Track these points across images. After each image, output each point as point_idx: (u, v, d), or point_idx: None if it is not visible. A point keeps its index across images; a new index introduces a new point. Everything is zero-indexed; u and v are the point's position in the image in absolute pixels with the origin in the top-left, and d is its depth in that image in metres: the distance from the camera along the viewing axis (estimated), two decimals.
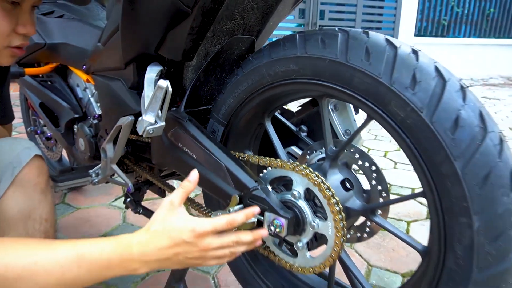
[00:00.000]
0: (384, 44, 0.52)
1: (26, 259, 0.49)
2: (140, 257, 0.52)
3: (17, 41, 0.65)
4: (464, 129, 0.46)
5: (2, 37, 0.62)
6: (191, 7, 0.64)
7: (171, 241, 0.52)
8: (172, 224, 0.53)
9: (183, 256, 0.53)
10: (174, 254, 0.53)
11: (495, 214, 0.45)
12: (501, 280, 0.47)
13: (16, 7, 0.63)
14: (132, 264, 0.52)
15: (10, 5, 0.61)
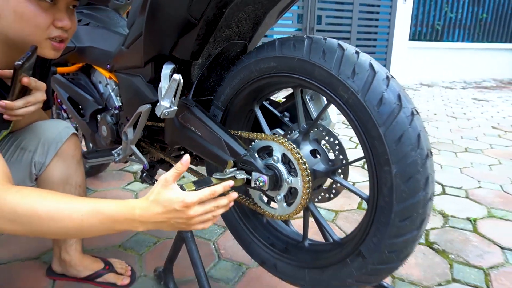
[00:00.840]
0: (336, 47, 0.73)
1: (58, 206, 0.63)
2: (140, 219, 0.65)
3: (55, 32, 0.79)
4: (385, 105, 0.66)
5: (42, 29, 0.77)
6: (198, 19, 0.85)
7: (164, 209, 0.65)
8: (166, 196, 0.65)
9: (174, 221, 0.66)
10: (166, 219, 0.65)
11: (406, 163, 0.66)
12: (412, 210, 0.67)
13: (53, 5, 0.78)
14: (133, 223, 0.65)
15: (47, 3, 0.77)
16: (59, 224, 0.63)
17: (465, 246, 1.35)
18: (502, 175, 2.08)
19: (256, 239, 1.00)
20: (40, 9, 0.74)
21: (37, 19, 0.74)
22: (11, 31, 0.74)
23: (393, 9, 5.96)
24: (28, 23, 0.74)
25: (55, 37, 0.80)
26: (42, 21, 0.75)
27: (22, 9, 0.72)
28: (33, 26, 0.74)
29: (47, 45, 0.80)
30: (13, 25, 0.73)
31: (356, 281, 0.77)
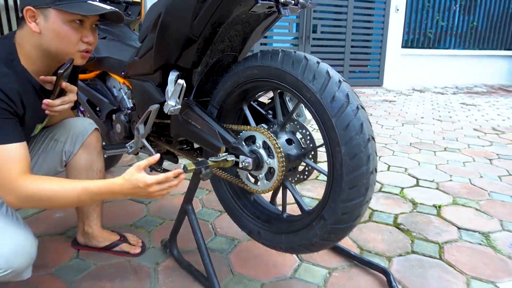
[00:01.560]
0: (302, 58, 0.96)
1: (61, 188, 0.90)
2: (117, 191, 0.90)
3: (82, 46, 1.01)
4: (336, 102, 0.89)
5: (73, 44, 0.99)
6: (198, 36, 1.08)
7: (132, 186, 0.89)
8: (135, 177, 0.89)
9: (140, 193, 0.91)
10: (135, 192, 0.90)
11: (352, 145, 0.88)
12: (358, 180, 0.89)
13: (81, 25, 0.99)
14: (114, 195, 0.91)
15: (77, 24, 0.98)
16: (63, 200, 0.91)
17: (427, 226, 1.57)
18: (473, 170, 2.30)
19: (245, 213, 1.22)
20: (72, 29, 0.96)
21: (70, 37, 0.96)
22: (50, 46, 0.97)
23: (386, 18, 6.22)
24: (63, 40, 0.96)
25: (83, 50, 1.03)
26: (73, 38, 0.98)
27: (58, 29, 0.94)
28: (67, 42, 0.97)
29: (77, 55, 1.02)
30: (52, 41, 0.95)
31: (320, 239, 0.99)
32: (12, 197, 0.87)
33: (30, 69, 0.97)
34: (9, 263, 0.88)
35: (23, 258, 0.91)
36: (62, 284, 1.14)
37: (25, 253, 0.92)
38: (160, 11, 1.10)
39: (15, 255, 0.89)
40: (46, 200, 0.89)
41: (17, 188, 0.86)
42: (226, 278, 1.19)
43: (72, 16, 0.94)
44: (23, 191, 0.86)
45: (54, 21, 0.93)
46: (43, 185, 0.89)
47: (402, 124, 3.64)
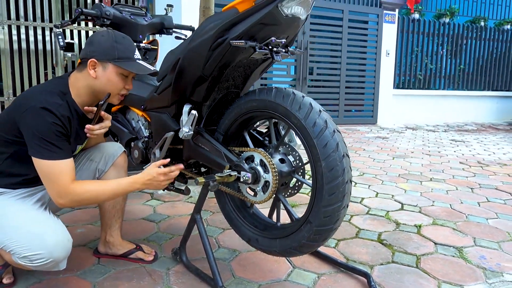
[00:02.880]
0: (291, 93, 1.22)
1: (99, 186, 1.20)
2: (140, 180, 1.22)
3: (123, 91, 1.31)
4: (317, 126, 1.14)
5: (119, 90, 1.29)
6: (208, 76, 1.35)
7: (149, 175, 1.22)
8: (149, 170, 1.23)
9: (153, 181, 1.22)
10: (150, 180, 1.21)
11: (329, 160, 1.12)
12: (335, 188, 1.12)
13: (126, 77, 1.31)
14: (137, 183, 1.22)
15: (124, 76, 1.31)
16: (103, 196, 1.21)
17: (407, 242, 1.76)
18: (455, 197, 2.51)
19: (245, 223, 1.43)
20: (121, 79, 1.26)
21: (118, 84, 1.26)
22: (100, 88, 1.25)
23: (378, 61, 6.67)
24: (113, 86, 1.25)
25: (123, 94, 1.31)
26: (120, 86, 1.28)
27: (112, 78, 1.24)
28: (115, 87, 1.26)
29: (116, 97, 1.31)
30: (104, 85, 1.24)
31: (308, 240, 1.20)
32: (65, 200, 1.13)
33: (77, 101, 1.24)
34: (51, 253, 1.09)
35: (62, 250, 1.12)
36: (88, 283, 1.33)
37: (64, 247, 1.13)
38: (179, 56, 1.38)
39: (56, 247, 1.10)
40: (91, 197, 1.16)
41: (70, 192, 1.12)
42: (228, 280, 1.38)
43: (125, 71, 1.24)
44: (75, 193, 1.12)
45: (110, 72, 1.24)
46: (88, 187, 1.16)
47: (392, 157, 3.88)
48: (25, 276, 1.35)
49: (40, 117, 1.09)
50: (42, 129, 1.09)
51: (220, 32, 1.24)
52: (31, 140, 1.10)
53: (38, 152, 1.10)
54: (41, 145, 1.09)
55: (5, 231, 1.11)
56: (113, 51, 1.24)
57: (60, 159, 1.12)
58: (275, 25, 1.20)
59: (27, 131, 1.11)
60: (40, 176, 1.14)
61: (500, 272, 1.50)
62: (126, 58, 1.26)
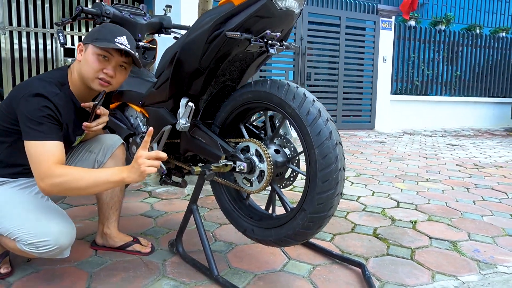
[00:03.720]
0: (285, 84, 1.25)
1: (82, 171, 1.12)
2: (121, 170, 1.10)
3: (101, 75, 1.26)
4: (310, 115, 1.16)
5: (95, 70, 1.24)
6: (205, 70, 1.38)
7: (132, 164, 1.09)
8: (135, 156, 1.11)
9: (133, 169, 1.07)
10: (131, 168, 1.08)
11: (323, 147, 1.14)
12: (329, 175, 1.14)
13: (106, 61, 1.26)
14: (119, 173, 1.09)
15: (103, 58, 1.25)
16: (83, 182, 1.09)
17: (402, 236, 1.78)
18: (451, 196, 2.53)
19: (241, 215, 1.44)
20: (97, 61, 1.23)
21: (93, 65, 1.23)
22: (81, 70, 1.25)
23: (375, 67, 6.74)
24: (88, 66, 1.23)
25: (101, 78, 1.28)
26: (96, 67, 1.24)
27: (88, 58, 1.23)
28: (90, 68, 1.23)
29: (95, 82, 1.27)
30: (82, 66, 1.24)
31: (302, 228, 1.21)
32: (45, 183, 1.07)
33: (74, 93, 1.26)
34: (57, 240, 1.10)
35: (67, 238, 1.13)
36: (84, 273, 1.34)
37: (68, 234, 1.14)
38: (176, 50, 1.41)
39: (61, 235, 1.12)
40: (71, 181, 1.08)
41: (50, 174, 1.06)
42: (224, 270, 1.39)
43: (100, 51, 1.23)
44: (54, 175, 1.07)
45: (88, 52, 1.24)
46: (68, 170, 1.11)
47: (389, 160, 3.90)
48: (22, 267, 1.36)
49: (34, 102, 1.11)
50: (33, 112, 1.10)
51: (217, 25, 1.27)
52: (24, 124, 1.11)
53: (27, 134, 1.10)
54: (30, 127, 1.09)
55: (11, 219, 1.13)
56: (96, 33, 1.25)
57: (47, 140, 1.10)
58: (270, 18, 1.24)
59: (20, 117, 1.12)
60: (28, 159, 1.12)
61: (493, 264, 1.52)
62: (104, 39, 1.24)
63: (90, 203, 2.13)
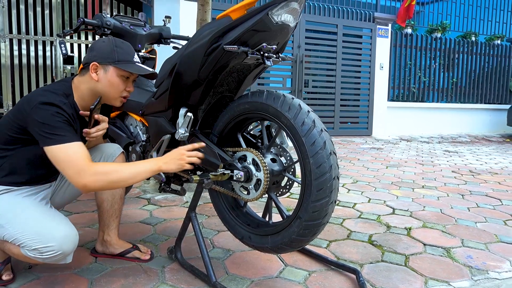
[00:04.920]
0: (281, 95, 1.29)
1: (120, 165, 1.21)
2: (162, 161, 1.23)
3: (125, 93, 1.37)
4: (305, 125, 1.20)
5: (120, 91, 1.35)
6: (203, 81, 1.42)
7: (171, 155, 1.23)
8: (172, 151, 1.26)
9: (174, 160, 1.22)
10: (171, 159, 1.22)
11: (317, 157, 1.18)
12: (323, 184, 1.17)
13: (127, 79, 1.36)
14: (158, 163, 1.22)
15: (125, 78, 1.36)
16: (125, 175, 1.18)
17: (397, 243, 1.81)
18: (446, 203, 2.57)
19: (238, 222, 1.48)
20: (121, 81, 1.33)
21: (119, 86, 1.32)
22: (103, 90, 1.32)
23: (372, 74, 6.81)
24: (114, 88, 1.31)
25: (124, 96, 1.37)
26: (121, 87, 1.34)
27: (113, 80, 1.30)
28: (116, 89, 1.32)
29: (118, 100, 1.37)
30: (105, 87, 1.31)
31: (297, 235, 1.25)
32: (86, 179, 1.12)
33: (79, 104, 1.31)
34: (61, 246, 1.14)
35: (71, 243, 1.17)
36: (85, 280, 1.37)
37: (72, 240, 1.18)
38: (176, 62, 1.45)
39: (65, 240, 1.15)
40: (113, 172, 1.16)
41: (90, 169, 1.13)
42: (222, 277, 1.42)
43: (125, 72, 1.31)
44: (95, 170, 1.14)
45: (111, 74, 1.30)
46: (107, 165, 1.22)
47: (386, 167, 3.94)
48: (23, 273, 1.39)
49: (45, 110, 1.15)
50: (48, 119, 1.15)
51: (215, 38, 1.32)
52: (40, 132, 1.15)
53: (49, 140, 1.14)
54: (50, 133, 1.14)
55: (16, 225, 1.16)
56: (113, 54, 1.32)
57: (72, 141, 1.16)
58: (266, 32, 1.28)
59: (35, 126, 1.16)
60: (56, 163, 1.16)
61: (485, 270, 1.55)
62: (125, 60, 1.34)
63: (90, 210, 2.16)
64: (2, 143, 1.23)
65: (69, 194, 1.45)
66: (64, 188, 1.44)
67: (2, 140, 1.23)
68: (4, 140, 1.22)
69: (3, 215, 1.17)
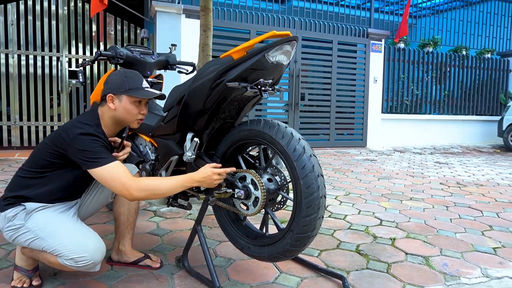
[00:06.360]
0: (276, 124, 1.50)
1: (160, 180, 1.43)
2: (195, 177, 1.41)
3: (140, 116, 1.57)
4: (296, 151, 1.41)
5: (135, 116, 1.54)
6: (208, 110, 1.63)
7: (204, 174, 1.41)
8: (206, 169, 1.42)
9: (207, 180, 1.41)
10: (204, 177, 1.40)
11: (307, 179, 1.38)
12: (312, 202, 1.37)
13: (140, 104, 1.56)
14: (193, 179, 1.41)
15: (138, 103, 1.56)
16: (164, 188, 1.40)
17: (382, 252, 2.01)
18: (430, 215, 2.77)
19: (239, 234, 1.67)
20: (135, 106, 1.52)
21: (133, 111, 1.52)
22: (121, 117, 1.52)
23: (366, 87, 7.05)
24: (130, 113, 1.51)
25: (140, 118, 1.58)
26: (136, 112, 1.53)
27: (128, 107, 1.50)
28: (131, 114, 1.52)
29: (135, 122, 1.57)
30: (122, 114, 1.51)
31: (290, 246, 1.44)
32: (132, 190, 1.33)
33: (105, 131, 1.51)
34: (93, 256, 1.33)
35: (101, 254, 1.37)
36: (104, 285, 1.56)
37: (102, 251, 1.37)
38: (184, 93, 1.66)
39: (96, 251, 1.35)
40: (153, 188, 1.38)
41: (135, 182, 1.34)
42: (224, 282, 1.61)
43: (136, 98, 1.50)
44: (140, 182, 1.36)
45: (125, 102, 1.50)
46: (149, 180, 1.41)
47: (378, 179, 4.15)
48: (50, 280, 1.57)
49: (85, 140, 1.36)
50: (89, 146, 1.36)
51: (219, 75, 1.53)
52: (84, 158, 1.36)
53: (93, 163, 1.35)
54: (93, 157, 1.35)
55: (56, 238, 1.36)
56: (124, 84, 1.52)
57: (113, 161, 1.38)
58: (263, 70, 1.49)
59: (77, 154, 1.36)
60: (104, 182, 1.37)
61: (458, 276, 1.75)
62: (135, 88, 1.53)
63: (101, 222, 2.35)
64: (40, 167, 1.43)
65: (91, 209, 1.65)
66: (87, 203, 1.64)
67: (39, 164, 1.43)
68: (42, 164, 1.42)
69: (43, 229, 1.37)
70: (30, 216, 1.40)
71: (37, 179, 1.44)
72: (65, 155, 1.40)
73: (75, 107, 5.66)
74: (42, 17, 5.42)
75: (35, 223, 1.39)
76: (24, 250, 1.48)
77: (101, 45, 5.71)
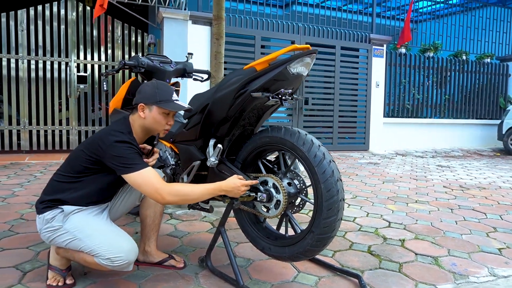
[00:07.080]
0: (296, 131, 1.59)
1: (191, 187, 1.51)
2: (224, 186, 1.51)
3: (167, 127, 1.66)
4: (317, 157, 1.50)
5: (163, 126, 1.63)
6: (230, 117, 1.72)
7: (233, 184, 1.51)
8: (234, 180, 1.53)
9: (234, 190, 1.51)
10: (232, 188, 1.50)
11: (327, 183, 1.47)
12: (332, 204, 1.46)
13: (168, 115, 1.66)
14: (221, 189, 1.51)
15: (166, 114, 1.66)
16: (194, 195, 1.49)
17: (393, 253, 2.10)
18: (436, 217, 2.86)
19: (259, 235, 1.77)
20: (163, 117, 1.62)
21: (162, 122, 1.61)
22: (149, 125, 1.61)
23: (368, 92, 7.16)
24: (158, 123, 1.61)
25: (166, 129, 1.67)
26: (164, 123, 1.63)
27: (156, 117, 1.59)
28: (160, 124, 1.61)
29: (162, 132, 1.66)
30: (151, 124, 1.60)
31: (311, 246, 1.54)
32: (164, 195, 1.42)
33: (136, 139, 1.60)
34: (128, 256, 1.42)
35: (134, 254, 1.46)
36: (133, 284, 1.64)
37: (135, 252, 1.46)
38: (207, 102, 1.76)
39: (130, 252, 1.44)
40: (184, 194, 1.47)
41: (166, 187, 1.43)
42: (246, 281, 1.70)
43: (165, 110, 1.59)
44: (171, 187, 1.44)
45: (155, 112, 1.59)
46: (180, 186, 1.51)
47: (382, 182, 4.24)
48: (82, 279, 1.66)
49: (120, 147, 1.46)
50: (125, 152, 1.45)
51: (242, 85, 1.63)
52: (119, 164, 1.44)
53: (128, 169, 1.44)
54: (127, 163, 1.44)
55: (93, 239, 1.44)
56: (155, 95, 1.62)
57: (147, 167, 1.47)
58: (284, 80, 1.59)
59: (113, 161, 1.45)
60: (137, 187, 1.46)
61: (466, 275, 1.84)
62: (165, 100, 1.62)
63: (120, 224, 2.44)
64: (76, 172, 1.52)
65: (120, 212, 1.74)
66: (117, 206, 1.72)
67: (75, 169, 1.52)
68: (78, 169, 1.52)
69: (81, 231, 1.46)
70: (67, 218, 1.49)
71: (73, 184, 1.53)
72: (101, 161, 1.49)
73: (83, 111, 5.75)
74: (52, 23, 5.51)
75: (73, 225, 1.47)
76: (58, 250, 1.57)
77: (108, 50, 5.81)
